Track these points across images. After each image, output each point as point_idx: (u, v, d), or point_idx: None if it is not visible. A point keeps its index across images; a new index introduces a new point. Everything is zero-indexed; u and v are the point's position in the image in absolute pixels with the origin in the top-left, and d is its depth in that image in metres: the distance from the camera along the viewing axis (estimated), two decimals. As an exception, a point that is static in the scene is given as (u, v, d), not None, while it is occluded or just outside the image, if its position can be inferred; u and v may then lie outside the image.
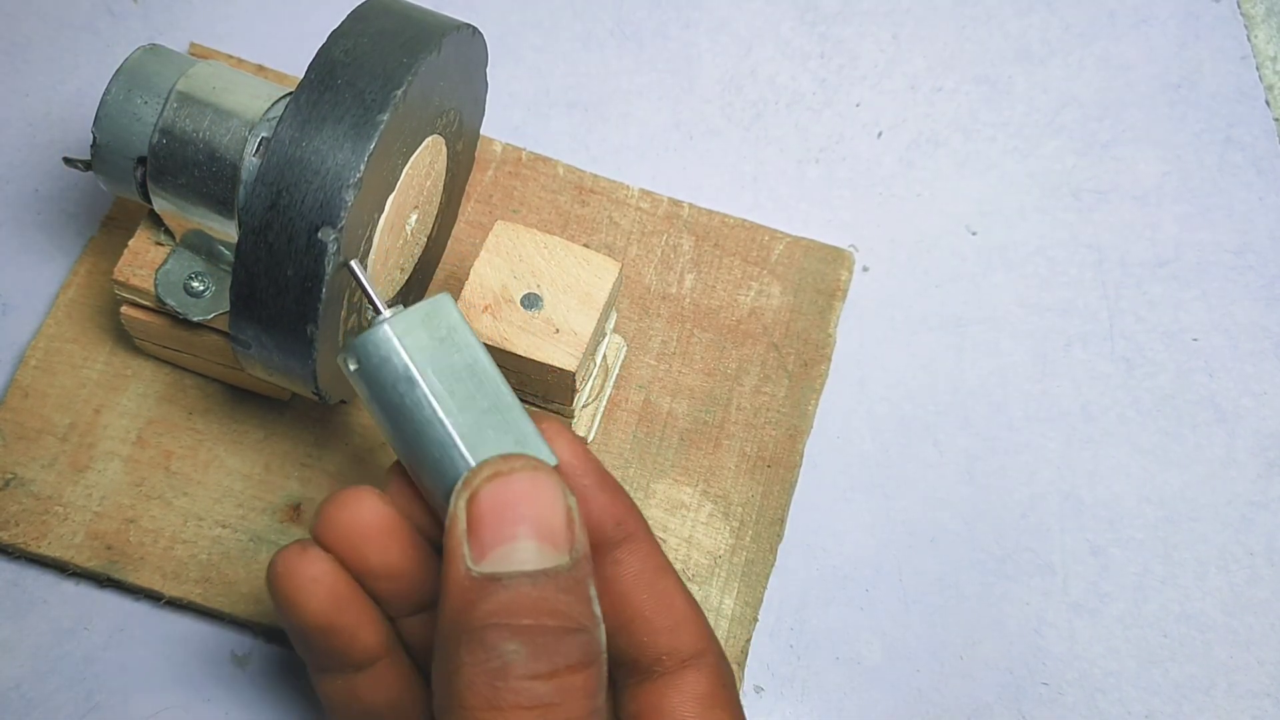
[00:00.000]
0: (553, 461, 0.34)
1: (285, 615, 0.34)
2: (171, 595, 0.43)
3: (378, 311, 0.35)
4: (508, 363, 0.42)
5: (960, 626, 0.46)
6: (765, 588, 0.45)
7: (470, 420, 0.33)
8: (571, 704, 0.29)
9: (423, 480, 0.34)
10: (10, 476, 0.44)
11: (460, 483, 0.31)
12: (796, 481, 0.47)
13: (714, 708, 0.34)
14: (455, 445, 0.33)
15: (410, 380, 0.33)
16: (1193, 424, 0.49)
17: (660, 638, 0.34)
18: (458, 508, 0.31)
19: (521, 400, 0.44)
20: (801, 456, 0.47)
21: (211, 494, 0.45)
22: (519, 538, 0.30)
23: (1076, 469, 0.48)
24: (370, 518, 0.33)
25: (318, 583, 0.33)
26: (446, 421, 0.33)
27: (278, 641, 0.44)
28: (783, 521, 0.46)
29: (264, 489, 0.45)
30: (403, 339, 0.34)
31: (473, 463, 0.33)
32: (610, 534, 0.34)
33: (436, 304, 0.35)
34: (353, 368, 0.35)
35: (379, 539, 0.33)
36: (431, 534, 0.35)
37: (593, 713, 0.30)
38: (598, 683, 0.30)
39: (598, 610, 0.31)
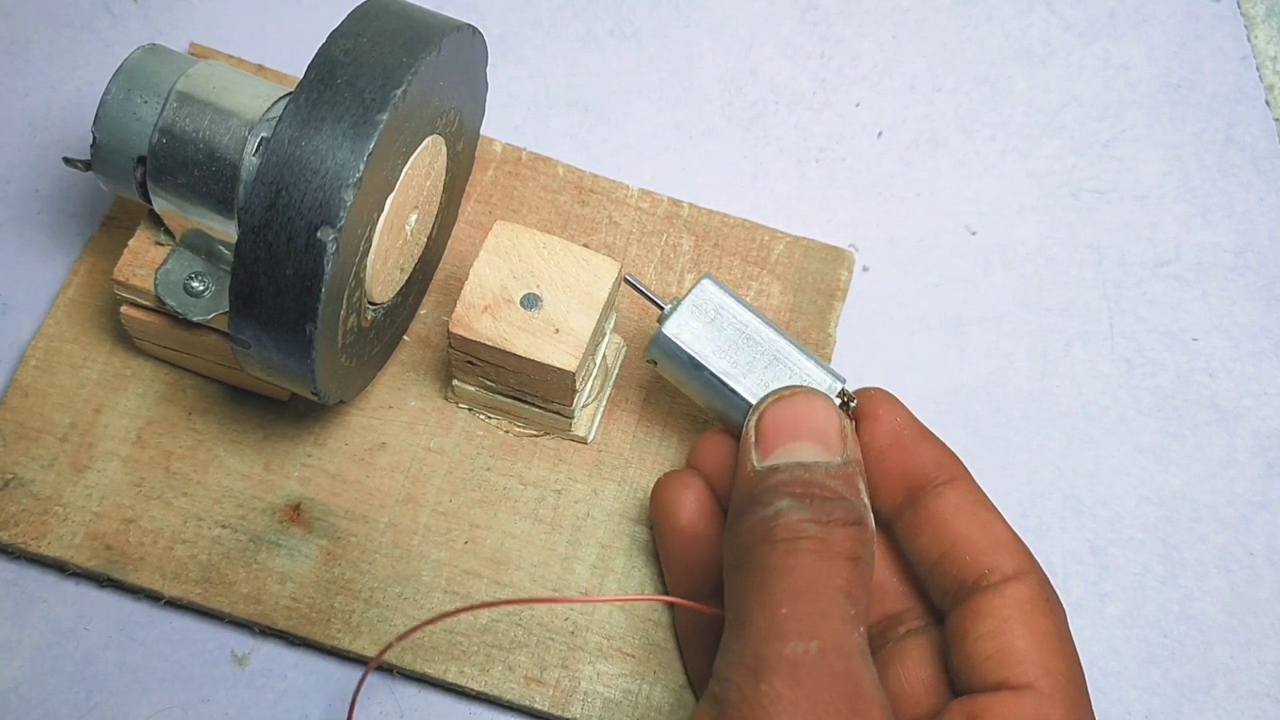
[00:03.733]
0: (839, 387, 0.41)
1: (660, 521, 0.42)
2: (171, 595, 0.43)
3: (660, 309, 0.42)
4: (507, 363, 0.42)
5: (960, 626, 0.46)
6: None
7: (755, 379, 0.41)
8: (834, 543, 0.33)
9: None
10: (10, 476, 0.44)
11: (752, 410, 0.38)
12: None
13: (1034, 613, 0.36)
14: (749, 404, 0.40)
15: (697, 365, 0.41)
16: (1193, 424, 0.49)
17: (982, 556, 0.37)
18: (747, 426, 0.38)
19: (525, 401, 0.45)
20: (801, 456, 0.47)
21: (211, 494, 0.45)
22: (796, 440, 0.36)
23: (1076, 469, 0.48)
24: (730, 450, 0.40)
25: (688, 489, 0.41)
26: (737, 389, 0.40)
27: (274, 640, 0.44)
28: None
29: (264, 489, 0.45)
30: (679, 334, 0.41)
31: None
32: (933, 474, 0.38)
33: (700, 291, 0.42)
34: (656, 366, 0.42)
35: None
36: None
37: (855, 557, 0.34)
38: (859, 539, 0.34)
39: (866, 499, 0.35)
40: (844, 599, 0.33)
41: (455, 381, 0.45)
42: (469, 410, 0.46)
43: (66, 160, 0.43)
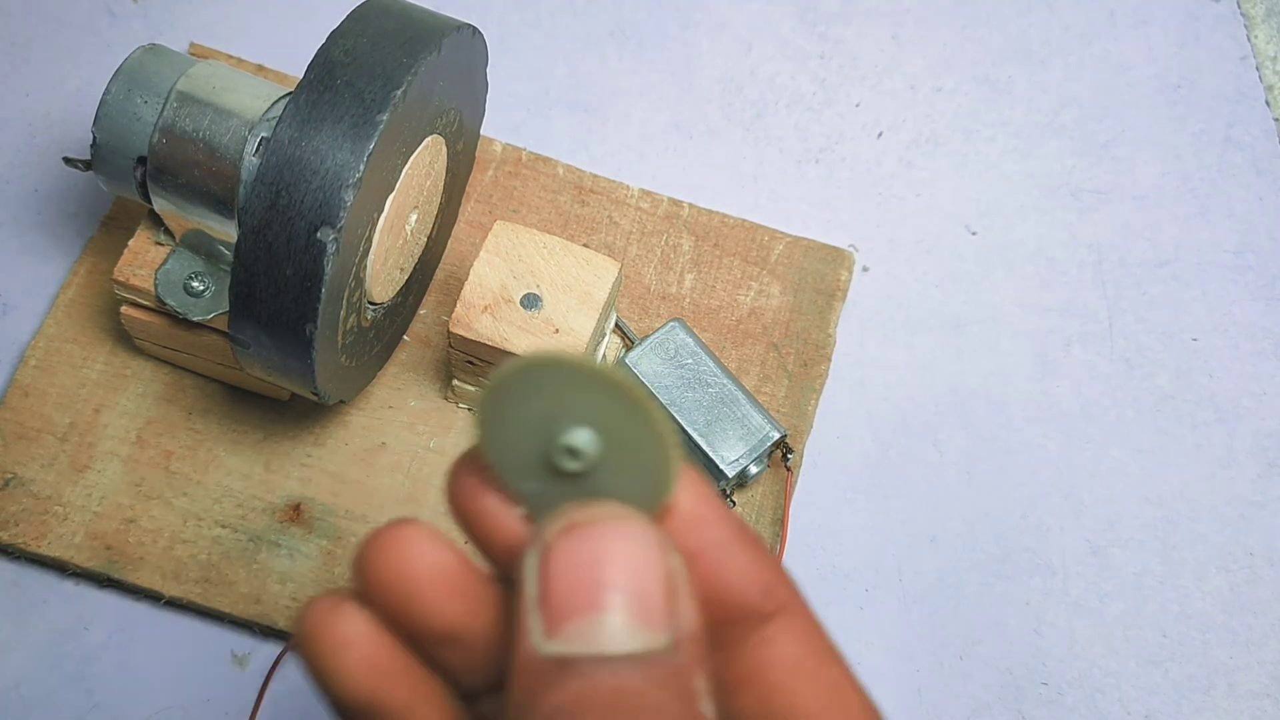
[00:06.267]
0: (775, 437, 0.42)
1: (317, 686, 0.26)
2: (171, 595, 0.43)
3: (632, 342, 0.46)
4: (507, 363, 0.42)
5: (960, 626, 0.46)
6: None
7: (701, 416, 0.44)
8: None
9: None
10: (10, 476, 0.44)
11: (534, 536, 0.24)
12: (796, 481, 0.47)
13: None
14: (692, 438, 0.44)
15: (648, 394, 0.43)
16: (1193, 424, 0.49)
17: None
18: (528, 567, 0.24)
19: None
20: (801, 456, 0.47)
21: (211, 494, 0.45)
22: (601, 609, 0.23)
23: (1076, 469, 0.48)
24: (424, 564, 0.25)
25: (351, 648, 0.25)
26: (680, 420, 0.44)
27: (275, 640, 0.44)
28: (783, 523, 0.46)
29: (264, 489, 0.45)
30: (637, 364, 0.45)
31: (705, 448, 0.43)
32: (757, 604, 0.25)
33: (666, 331, 0.45)
34: None
35: (437, 593, 0.25)
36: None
37: None
38: None
39: (706, 709, 0.23)
40: None
41: (455, 381, 0.45)
42: (469, 410, 0.46)
43: (66, 160, 0.43)
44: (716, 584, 0.25)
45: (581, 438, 0.23)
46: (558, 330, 0.42)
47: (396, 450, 0.46)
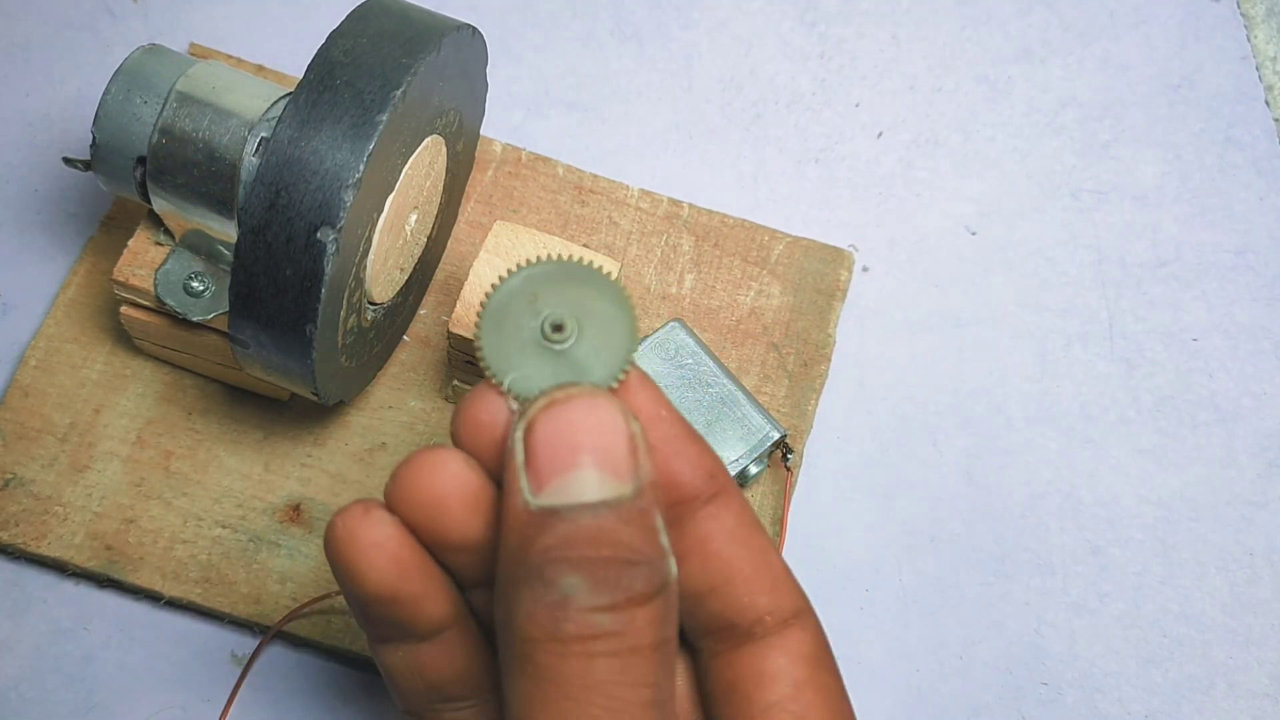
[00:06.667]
0: (775, 437, 0.41)
1: (342, 582, 0.31)
2: (171, 595, 0.43)
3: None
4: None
5: (960, 626, 0.46)
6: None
7: (700, 417, 0.44)
8: (636, 634, 0.28)
9: None
10: (10, 476, 0.44)
11: (519, 415, 0.29)
12: (796, 481, 0.47)
13: (821, 669, 0.31)
14: None
15: None
16: (1193, 424, 0.49)
17: (762, 597, 0.31)
18: (515, 439, 0.29)
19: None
20: (801, 456, 0.47)
21: (211, 494, 0.45)
22: (578, 466, 0.28)
23: (1076, 469, 0.48)
24: (453, 486, 0.30)
25: (380, 549, 0.30)
26: None
27: (277, 641, 0.44)
28: (782, 522, 0.46)
29: (263, 489, 0.45)
30: (637, 363, 0.41)
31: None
32: (702, 488, 0.31)
33: (667, 330, 0.45)
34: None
35: (460, 511, 0.30)
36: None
37: (660, 643, 0.28)
38: (664, 613, 0.28)
39: (665, 541, 0.29)
40: (654, 712, 0.28)
41: (455, 381, 0.45)
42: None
43: (66, 160, 0.43)
44: (671, 471, 0.31)
45: (563, 314, 0.29)
46: (557, 330, 0.42)
47: (396, 450, 0.46)
